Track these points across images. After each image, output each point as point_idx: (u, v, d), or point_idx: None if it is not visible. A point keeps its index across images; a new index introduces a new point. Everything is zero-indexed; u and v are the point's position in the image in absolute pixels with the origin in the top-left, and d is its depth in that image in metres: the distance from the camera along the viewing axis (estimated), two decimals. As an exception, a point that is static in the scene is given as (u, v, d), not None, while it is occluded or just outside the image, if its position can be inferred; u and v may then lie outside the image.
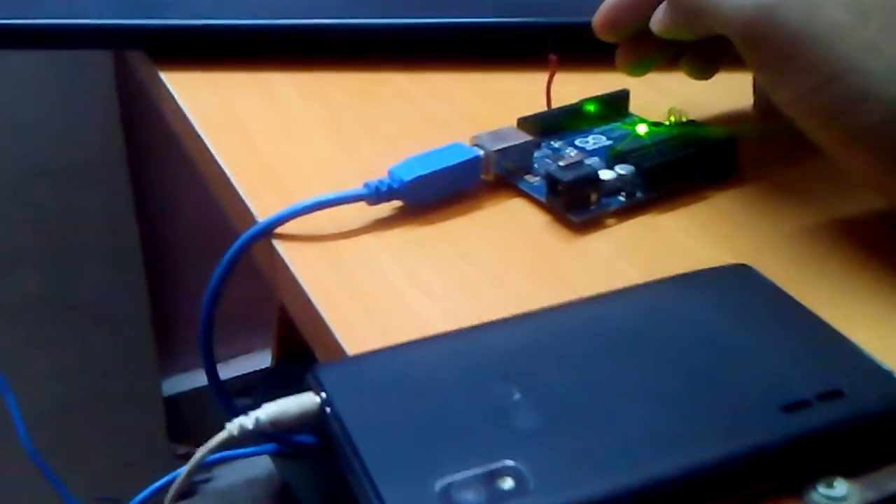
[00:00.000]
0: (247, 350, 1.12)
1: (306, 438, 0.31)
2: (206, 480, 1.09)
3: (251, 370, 1.09)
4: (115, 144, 0.88)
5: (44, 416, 0.89)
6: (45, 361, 0.92)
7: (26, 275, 0.88)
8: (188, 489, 1.13)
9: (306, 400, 0.21)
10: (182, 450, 1.07)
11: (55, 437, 0.89)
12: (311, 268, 0.27)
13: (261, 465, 1.08)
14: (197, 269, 1.07)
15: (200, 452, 0.20)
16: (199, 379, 1.11)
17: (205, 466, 0.26)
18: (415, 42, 0.39)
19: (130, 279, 0.94)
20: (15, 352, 0.90)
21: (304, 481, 0.96)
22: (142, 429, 1.01)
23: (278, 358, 1.01)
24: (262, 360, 1.11)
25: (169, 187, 1.02)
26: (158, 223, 1.02)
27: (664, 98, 0.35)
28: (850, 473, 0.19)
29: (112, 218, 0.91)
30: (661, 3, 0.30)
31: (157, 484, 0.36)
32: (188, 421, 1.06)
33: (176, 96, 0.37)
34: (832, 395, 0.20)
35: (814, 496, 0.19)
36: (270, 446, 0.35)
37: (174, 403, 1.06)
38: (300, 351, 0.98)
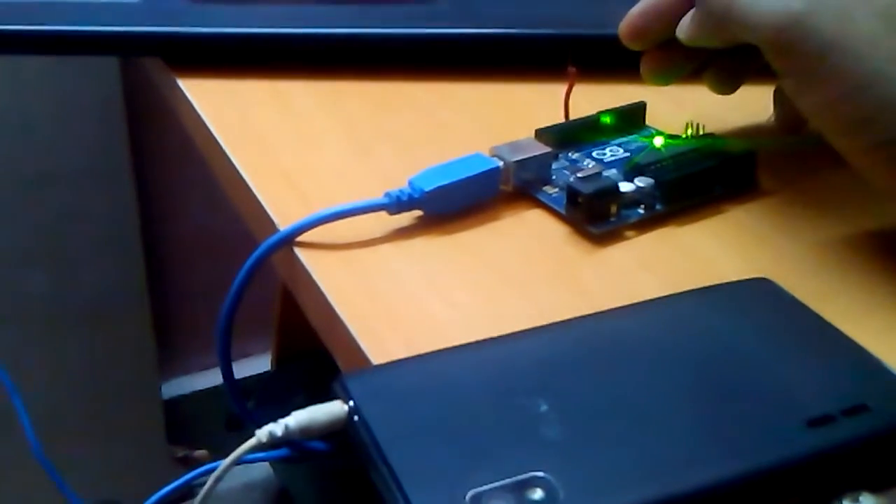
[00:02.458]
0: (246, 354, 1.12)
1: (319, 445, 0.32)
2: (204, 484, 1.09)
3: (251, 374, 1.09)
4: (119, 148, 0.88)
5: (44, 417, 0.88)
6: (46, 363, 0.92)
7: (29, 277, 0.88)
8: (186, 492, 1.13)
9: (335, 408, 0.21)
10: (181, 452, 1.06)
11: (54, 438, 0.89)
12: (332, 276, 0.27)
13: (259, 469, 1.08)
14: (198, 272, 1.07)
15: (232, 456, 0.20)
16: (198, 382, 1.11)
17: (205, 471, 0.26)
18: (433, 52, 0.40)
19: (132, 282, 0.94)
20: (16, 353, 0.89)
21: (302, 485, 0.95)
22: (141, 431, 1.01)
23: (278, 361, 1.01)
24: (261, 363, 1.11)
25: (172, 191, 1.02)
26: (161, 227, 1.02)
27: (681, 111, 0.36)
28: (876, 488, 0.19)
29: (115, 221, 0.91)
30: (688, 10, 0.30)
31: (163, 491, 0.36)
32: (187, 423, 1.06)
33: (195, 104, 0.37)
34: (856, 409, 0.20)
35: (841, 511, 0.19)
36: (284, 451, 0.35)
37: (174, 406, 1.06)
38: (300, 354, 0.98)
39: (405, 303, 0.26)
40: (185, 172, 1.00)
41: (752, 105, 0.37)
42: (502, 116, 0.37)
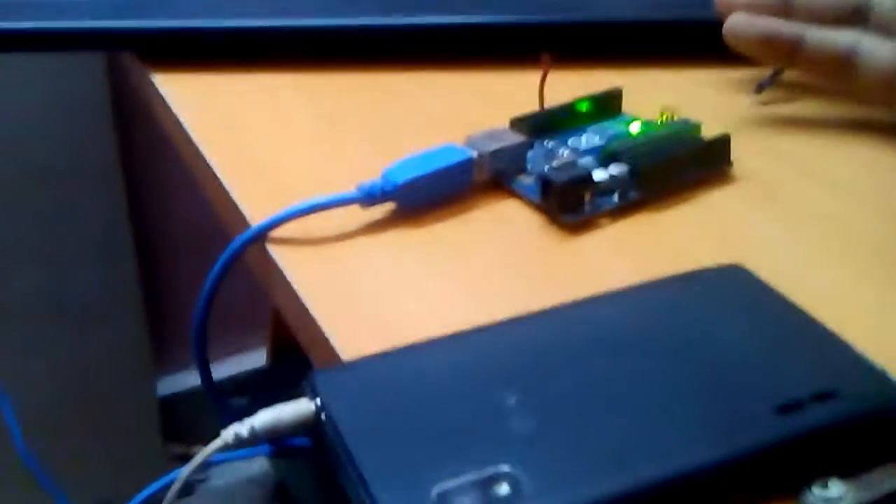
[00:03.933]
0: (242, 349, 1.12)
1: (301, 440, 0.31)
2: (203, 480, 1.09)
3: (246, 369, 1.09)
4: (108, 146, 0.88)
5: (39, 416, 0.89)
6: (40, 362, 0.92)
7: (20, 276, 0.88)
8: (185, 489, 1.13)
9: (302, 406, 0.21)
10: (178, 449, 1.07)
11: (50, 437, 0.89)
12: (304, 271, 0.27)
13: (258, 464, 1.08)
14: (191, 269, 1.07)
15: (196, 460, 0.20)
16: (193, 379, 1.11)
17: (199, 468, 0.26)
18: (408, 42, 0.39)
19: (124, 280, 0.94)
20: (9, 353, 0.89)
21: (300, 480, 0.96)
22: (137, 429, 1.01)
23: (273, 356, 1.01)
24: (257, 358, 1.11)
25: (162, 188, 1.02)
26: (152, 224, 1.02)
27: (657, 96, 0.35)
28: (845, 474, 0.19)
29: (106, 219, 0.91)
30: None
31: (151, 489, 0.36)
32: (183, 421, 1.06)
33: (167, 98, 0.36)
34: (826, 395, 0.20)
35: (809, 497, 0.19)
36: (265, 448, 0.34)
37: (169, 404, 1.06)
38: (295, 349, 0.98)
39: (377, 297, 0.26)
40: (176, 169, 0.99)
41: (727, 89, 0.37)
42: (480, 105, 0.37)
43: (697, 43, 0.39)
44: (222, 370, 1.07)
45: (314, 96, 0.37)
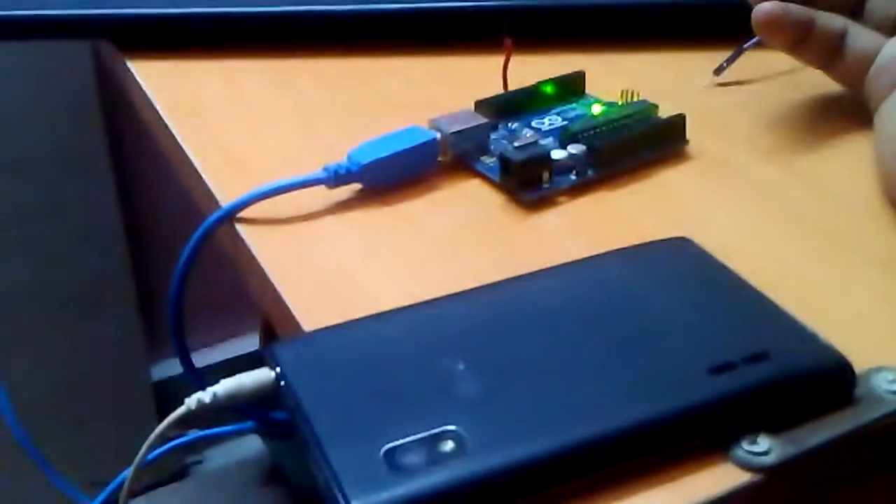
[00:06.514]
0: (235, 334, 1.13)
1: (280, 414, 0.33)
2: (198, 462, 1.10)
3: (239, 354, 1.10)
4: (96, 136, 0.89)
5: (34, 404, 0.90)
6: (34, 351, 0.93)
7: (11, 265, 0.89)
8: (180, 471, 1.15)
9: (262, 375, 0.22)
10: (172, 433, 1.08)
11: (45, 424, 0.90)
12: (272, 250, 0.28)
13: (252, 446, 1.09)
14: (200, 256, 1.08)
15: (160, 427, 0.21)
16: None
17: (190, 445, 0.27)
18: (375, 27, 0.40)
19: (116, 267, 0.95)
20: (2, 342, 0.91)
21: (294, 462, 0.97)
22: (132, 414, 1.02)
23: (265, 341, 1.02)
24: (249, 343, 1.12)
25: (152, 175, 1.03)
26: (143, 211, 1.03)
27: (620, 78, 0.36)
28: (773, 430, 0.20)
29: (96, 207, 0.92)
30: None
31: (121, 476, 0.37)
32: (178, 405, 1.07)
33: (142, 84, 0.37)
34: (758, 356, 0.21)
35: (738, 452, 0.20)
36: (250, 424, 0.36)
37: (163, 388, 1.07)
38: (287, 334, 1.00)
39: (341, 273, 0.27)
40: (164, 156, 1.00)
41: (688, 71, 0.38)
42: (446, 89, 0.38)
43: (660, 26, 0.40)
44: (215, 355, 1.08)
45: (284, 81, 0.38)
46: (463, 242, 0.28)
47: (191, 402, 0.21)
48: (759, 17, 0.31)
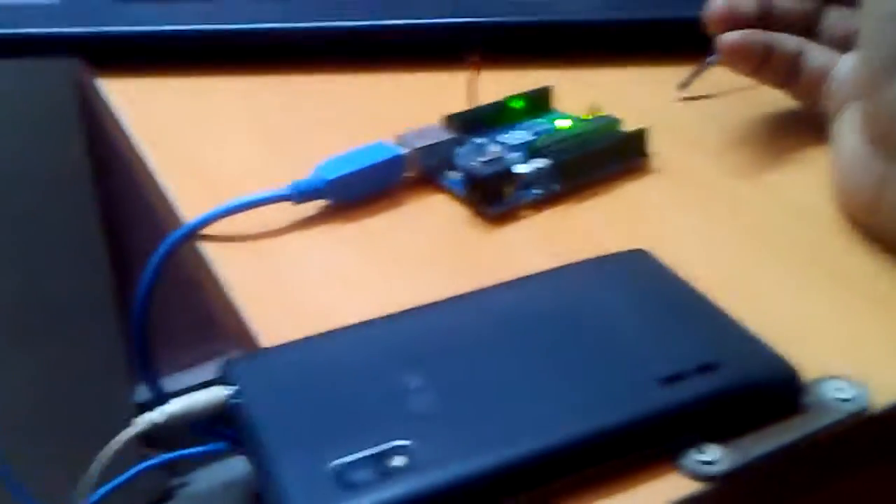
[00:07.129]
0: (220, 354, 1.13)
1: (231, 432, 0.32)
2: (183, 485, 1.09)
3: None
4: (77, 152, 0.89)
5: (13, 423, 0.89)
6: (12, 372, 0.92)
7: (-7, 285, 0.89)
8: (165, 494, 1.13)
9: (213, 392, 0.22)
10: (157, 455, 1.07)
11: (25, 443, 0.89)
12: (234, 268, 0.28)
13: (238, 468, 1.08)
14: (166, 274, 1.08)
15: (109, 448, 0.21)
16: (171, 384, 1.11)
17: (173, 467, 0.27)
18: (344, 44, 0.40)
19: (97, 286, 0.95)
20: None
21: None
22: (114, 435, 1.01)
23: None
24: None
25: (134, 192, 1.02)
26: (124, 229, 1.03)
27: (587, 93, 0.37)
28: (723, 440, 0.20)
29: (77, 224, 0.91)
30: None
31: (104, 489, 0.36)
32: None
33: (109, 102, 0.37)
34: (708, 367, 0.21)
35: (687, 461, 0.20)
36: (220, 445, 0.35)
37: (146, 410, 1.06)
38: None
39: (305, 289, 0.27)
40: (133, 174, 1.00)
41: (653, 86, 0.38)
42: (414, 105, 0.38)
43: (627, 42, 0.41)
44: (206, 373, 1.07)
45: (250, 98, 0.38)
46: (428, 257, 0.28)
47: (141, 421, 0.21)
48: (723, 48, 0.32)
